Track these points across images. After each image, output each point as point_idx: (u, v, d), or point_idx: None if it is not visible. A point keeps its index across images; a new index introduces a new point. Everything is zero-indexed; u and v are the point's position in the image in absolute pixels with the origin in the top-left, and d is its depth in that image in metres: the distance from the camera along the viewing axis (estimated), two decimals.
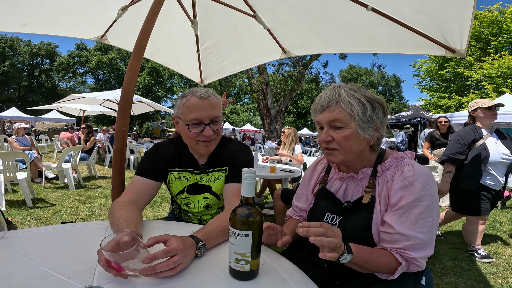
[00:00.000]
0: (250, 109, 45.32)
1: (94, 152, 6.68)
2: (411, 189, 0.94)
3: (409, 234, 0.91)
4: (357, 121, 0.97)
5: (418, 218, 0.91)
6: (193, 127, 1.27)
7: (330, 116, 0.99)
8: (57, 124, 25.84)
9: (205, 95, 1.27)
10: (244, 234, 0.79)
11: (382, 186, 1.00)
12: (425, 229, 0.91)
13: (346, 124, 0.97)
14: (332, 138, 1.00)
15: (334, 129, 1.00)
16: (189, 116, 1.26)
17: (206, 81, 3.91)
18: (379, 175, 1.02)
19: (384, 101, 1.03)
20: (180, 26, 2.94)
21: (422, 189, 0.93)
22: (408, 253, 0.91)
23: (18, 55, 40.30)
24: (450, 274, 2.64)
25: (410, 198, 0.93)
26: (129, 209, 1.14)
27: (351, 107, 0.96)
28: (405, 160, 1.03)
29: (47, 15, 2.57)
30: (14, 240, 0.98)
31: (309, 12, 2.42)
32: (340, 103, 0.97)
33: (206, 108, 1.26)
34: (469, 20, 1.77)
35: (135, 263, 0.76)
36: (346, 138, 0.98)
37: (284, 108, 15.08)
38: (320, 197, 1.16)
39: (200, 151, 1.33)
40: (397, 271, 0.92)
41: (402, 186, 0.95)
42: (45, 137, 13.68)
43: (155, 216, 3.97)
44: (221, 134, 1.40)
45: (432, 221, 0.92)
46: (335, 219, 1.07)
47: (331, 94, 1.00)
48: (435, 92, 22.13)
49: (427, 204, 0.92)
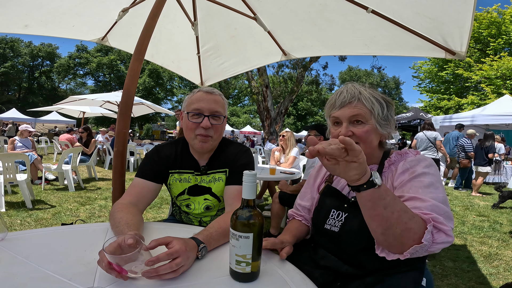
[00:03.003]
0: (250, 111, 45.34)
1: (94, 154, 6.68)
2: (414, 168, 0.96)
3: (425, 198, 0.84)
4: (376, 117, 1.02)
5: (428, 185, 0.88)
6: (193, 117, 1.30)
7: (353, 111, 1.02)
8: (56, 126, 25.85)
9: (210, 91, 1.34)
10: (245, 236, 0.79)
11: (388, 179, 1.02)
12: (440, 194, 0.86)
13: (366, 120, 1.01)
14: (353, 133, 1.02)
15: (354, 124, 1.03)
16: (191, 106, 1.31)
17: (206, 83, 3.91)
18: (385, 170, 1.05)
19: (394, 104, 1.09)
20: (180, 28, 2.95)
21: (424, 167, 0.95)
22: (437, 216, 0.80)
23: (19, 56, 40.30)
24: (450, 275, 2.64)
25: (416, 173, 0.94)
26: (130, 211, 1.14)
27: (371, 104, 1.01)
28: (409, 154, 1.06)
29: (48, 17, 2.57)
30: (14, 242, 0.98)
31: (309, 15, 2.43)
32: (362, 100, 1.02)
33: (208, 101, 1.30)
34: (469, 22, 1.77)
35: (137, 265, 0.77)
36: (367, 132, 1.01)
37: (284, 110, 15.08)
38: (325, 195, 1.16)
39: (196, 146, 1.33)
40: (425, 234, 0.77)
41: (404, 170, 0.98)
42: (45, 139, 13.68)
43: (155, 218, 3.97)
44: (221, 133, 1.39)
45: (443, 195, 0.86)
46: (341, 215, 1.07)
47: (353, 91, 1.03)
48: (434, 94, 22.16)
49: (430, 181, 0.90)
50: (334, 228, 1.07)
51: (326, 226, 1.10)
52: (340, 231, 1.05)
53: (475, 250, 3.31)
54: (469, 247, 3.39)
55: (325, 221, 1.11)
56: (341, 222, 1.06)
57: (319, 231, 1.13)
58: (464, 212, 5.11)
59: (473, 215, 4.95)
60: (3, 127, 17.43)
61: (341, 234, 1.04)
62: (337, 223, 1.07)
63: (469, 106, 17.35)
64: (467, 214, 4.98)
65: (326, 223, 1.10)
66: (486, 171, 6.96)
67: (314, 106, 44.45)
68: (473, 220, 4.63)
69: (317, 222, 1.15)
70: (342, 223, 1.06)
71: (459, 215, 4.87)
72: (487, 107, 10.08)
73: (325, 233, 1.10)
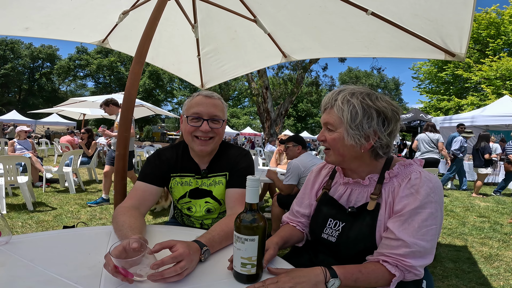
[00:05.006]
0: (250, 113, 45.38)
1: (95, 156, 6.69)
2: (416, 196, 0.93)
3: (410, 241, 0.88)
4: (345, 126, 0.98)
5: (421, 225, 0.90)
6: (192, 121, 1.31)
7: (325, 118, 1.05)
8: (57, 128, 25.87)
9: (209, 95, 1.34)
10: (250, 239, 0.80)
11: (389, 193, 0.99)
12: (428, 237, 0.90)
13: (336, 128, 1.01)
14: (325, 138, 1.04)
15: (327, 130, 1.04)
16: (191, 110, 1.32)
17: (206, 85, 3.92)
18: (386, 181, 1.01)
19: (389, 109, 0.99)
20: (181, 31, 2.96)
21: (426, 196, 0.92)
22: (408, 261, 0.89)
23: (19, 58, 40.36)
24: (451, 276, 2.64)
25: (414, 205, 0.91)
26: (132, 214, 1.15)
27: (342, 112, 0.98)
28: (413, 167, 1.02)
29: (49, 19, 2.58)
30: (18, 245, 0.99)
31: (309, 17, 2.44)
32: (334, 107, 1.01)
33: (208, 105, 1.31)
34: (468, 23, 1.78)
35: (142, 269, 0.78)
36: (334, 140, 1.02)
37: (284, 112, 15.08)
38: (322, 202, 1.15)
39: (195, 148, 1.33)
40: (392, 282, 0.90)
41: (408, 194, 0.94)
42: (45, 141, 13.69)
43: (156, 221, 3.98)
44: (221, 136, 1.39)
45: (435, 229, 0.91)
46: (338, 225, 1.06)
47: (330, 97, 1.04)
48: (434, 95, 22.17)
49: (430, 212, 0.90)
50: (331, 238, 1.06)
51: (324, 235, 1.09)
52: (337, 241, 1.04)
53: (475, 251, 3.31)
54: (469, 248, 3.39)
55: (322, 230, 1.10)
56: (338, 232, 1.05)
57: (317, 240, 1.12)
58: (464, 213, 5.11)
59: (474, 216, 4.96)
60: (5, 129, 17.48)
61: (339, 244, 1.04)
62: (334, 232, 1.06)
63: (469, 107, 17.36)
64: (467, 215, 4.98)
65: (324, 232, 1.09)
66: (485, 173, 6.96)
67: (314, 107, 44.49)
68: (473, 221, 4.64)
69: (315, 231, 1.14)
70: (339, 233, 1.05)
71: (459, 216, 4.88)
72: (487, 108, 10.09)
73: (322, 243, 1.09)
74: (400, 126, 1.05)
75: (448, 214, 5.02)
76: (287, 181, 3.10)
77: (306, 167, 3.04)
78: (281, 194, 3.23)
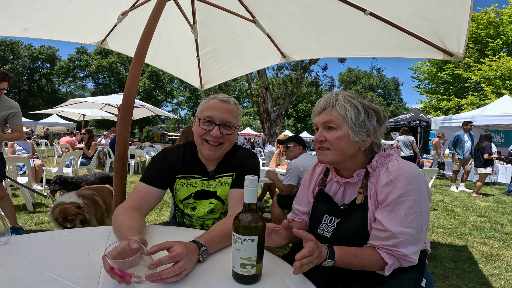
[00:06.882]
0: (250, 113, 45.35)
1: (95, 157, 6.69)
2: (396, 183, 0.95)
3: (397, 231, 0.92)
4: (350, 124, 1.01)
5: (407, 213, 0.93)
6: (204, 124, 1.29)
7: (325, 118, 1.05)
8: (57, 129, 25.86)
9: (225, 99, 1.32)
10: (250, 239, 0.80)
11: (372, 185, 1.03)
12: (414, 224, 0.93)
13: (339, 126, 1.03)
14: (325, 138, 1.04)
15: (327, 130, 1.05)
16: (204, 113, 1.30)
17: (206, 86, 3.92)
18: (371, 175, 1.05)
19: (381, 110, 1.07)
20: (180, 31, 2.96)
21: (407, 183, 0.94)
22: (400, 250, 0.93)
23: (19, 59, 40.33)
24: (452, 276, 2.64)
25: (396, 194, 0.94)
26: (132, 215, 1.15)
27: (345, 110, 1.02)
28: (392, 157, 1.05)
29: (48, 20, 2.59)
30: (17, 245, 0.99)
31: (308, 17, 2.44)
32: (336, 106, 1.03)
33: (222, 110, 1.29)
34: (466, 23, 1.79)
35: (139, 270, 0.77)
36: (338, 139, 1.02)
37: (284, 112, 15.07)
38: (318, 199, 1.17)
39: (203, 152, 1.32)
40: (386, 268, 0.94)
41: (388, 182, 0.97)
42: (45, 142, 13.68)
43: (156, 221, 3.97)
44: (231, 143, 1.37)
45: (421, 216, 0.94)
46: (333, 221, 1.09)
47: (329, 98, 1.06)
48: (434, 95, 22.15)
49: (414, 199, 0.93)
50: (326, 233, 1.09)
51: (319, 231, 1.11)
52: (332, 237, 1.06)
53: (476, 251, 3.31)
54: (470, 248, 3.39)
55: (318, 226, 1.12)
56: (333, 228, 1.07)
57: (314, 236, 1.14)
58: (465, 213, 5.11)
59: (474, 216, 4.95)
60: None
61: (333, 239, 1.05)
62: (330, 228, 1.08)
63: (468, 107, 17.35)
64: (468, 215, 4.98)
65: (319, 228, 1.11)
66: (485, 173, 6.96)
67: (314, 107, 44.42)
68: (474, 221, 4.63)
69: (312, 227, 1.16)
70: (334, 228, 1.07)
71: (460, 216, 4.87)
72: (487, 108, 10.08)
73: (318, 238, 1.10)
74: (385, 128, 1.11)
75: (449, 214, 5.02)
76: (287, 182, 3.10)
77: (306, 167, 3.04)
78: (281, 195, 3.23)
